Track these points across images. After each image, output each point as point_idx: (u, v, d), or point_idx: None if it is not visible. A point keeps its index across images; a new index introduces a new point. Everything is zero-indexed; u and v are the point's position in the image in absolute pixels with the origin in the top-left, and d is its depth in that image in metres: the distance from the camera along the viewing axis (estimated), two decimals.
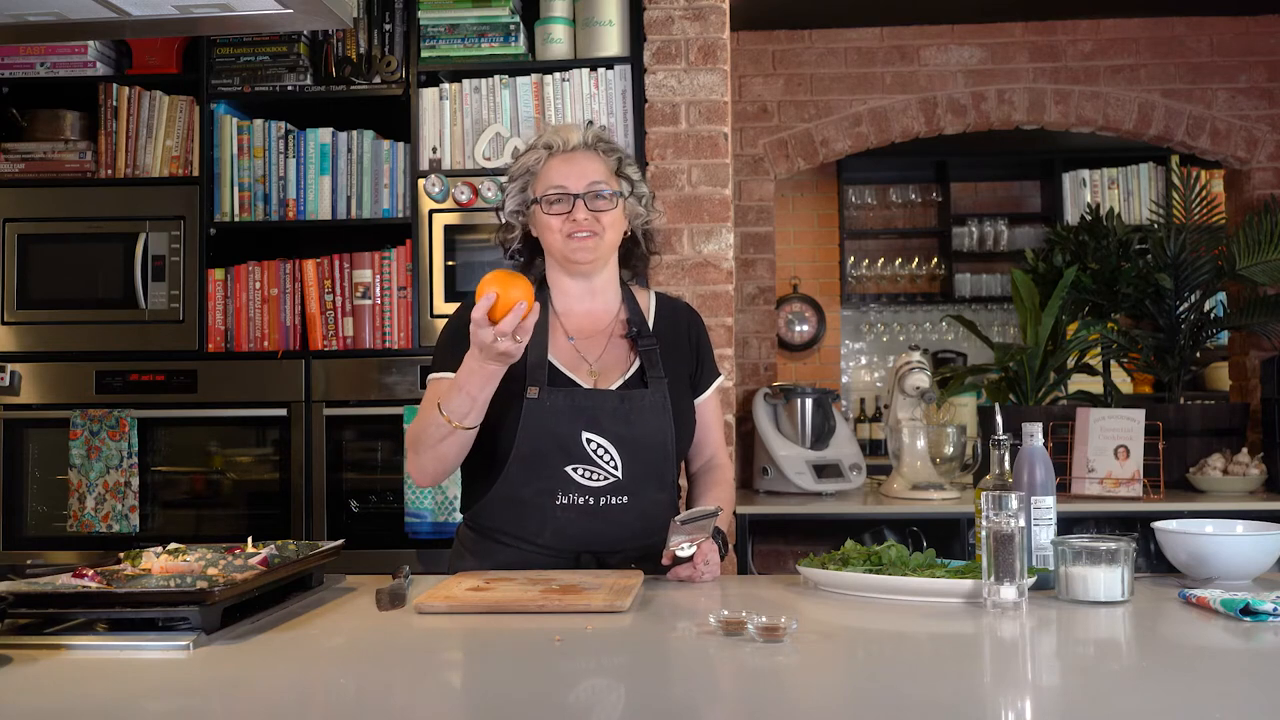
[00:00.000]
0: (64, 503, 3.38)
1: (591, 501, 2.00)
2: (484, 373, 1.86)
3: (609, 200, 2.05)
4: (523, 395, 1.98)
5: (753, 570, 3.65)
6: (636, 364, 2.08)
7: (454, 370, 1.99)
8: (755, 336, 4.45)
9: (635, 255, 2.19)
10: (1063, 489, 3.39)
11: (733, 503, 2.28)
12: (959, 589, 1.70)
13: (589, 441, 1.99)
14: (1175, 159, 5.61)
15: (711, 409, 2.20)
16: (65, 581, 1.59)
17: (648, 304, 2.19)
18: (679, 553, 1.87)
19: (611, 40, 3.37)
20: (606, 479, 2.00)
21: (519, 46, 3.39)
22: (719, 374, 2.23)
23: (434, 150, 3.39)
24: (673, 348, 2.13)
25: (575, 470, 1.99)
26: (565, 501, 2.00)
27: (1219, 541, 1.84)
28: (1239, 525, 1.91)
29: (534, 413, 1.97)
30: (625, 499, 2.01)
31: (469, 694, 1.30)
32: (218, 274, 3.43)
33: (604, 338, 2.11)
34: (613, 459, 2.00)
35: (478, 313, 1.79)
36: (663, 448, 2.03)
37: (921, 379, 3.58)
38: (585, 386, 2.04)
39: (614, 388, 2.05)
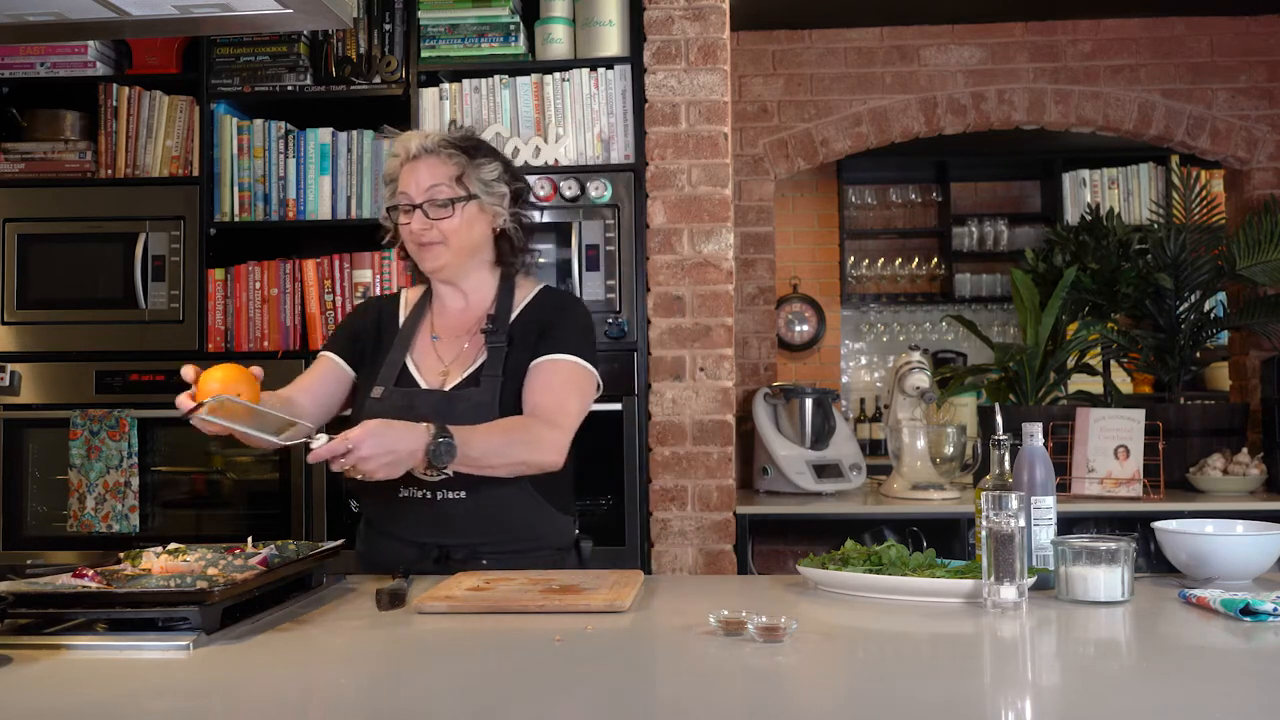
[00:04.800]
0: (64, 503, 3.38)
1: (430, 495, 2.04)
2: None
3: (446, 208, 2.05)
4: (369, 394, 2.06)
5: (753, 570, 3.65)
6: (479, 362, 2.08)
7: (334, 350, 2.17)
8: (755, 336, 4.45)
9: (505, 253, 2.17)
10: (1063, 489, 3.39)
11: (510, 434, 1.98)
12: (959, 589, 1.70)
13: None
14: (1175, 159, 5.60)
15: (541, 374, 2.06)
16: (65, 581, 1.59)
17: (525, 299, 2.17)
18: (314, 444, 1.81)
19: (611, 40, 3.37)
20: (439, 475, 1.99)
21: (519, 46, 3.39)
22: (570, 354, 2.08)
23: None
24: (525, 342, 2.10)
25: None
26: (406, 495, 2.04)
27: (1219, 541, 1.84)
28: (1239, 525, 1.92)
29: (373, 412, 2.00)
30: (463, 494, 2.03)
31: (469, 694, 1.30)
32: (218, 274, 3.42)
33: (465, 336, 2.13)
34: None
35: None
36: None
37: (921, 379, 3.57)
38: (424, 387, 2.06)
39: (449, 388, 2.06)
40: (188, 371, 1.82)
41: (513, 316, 2.13)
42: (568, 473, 2.20)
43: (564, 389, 2.05)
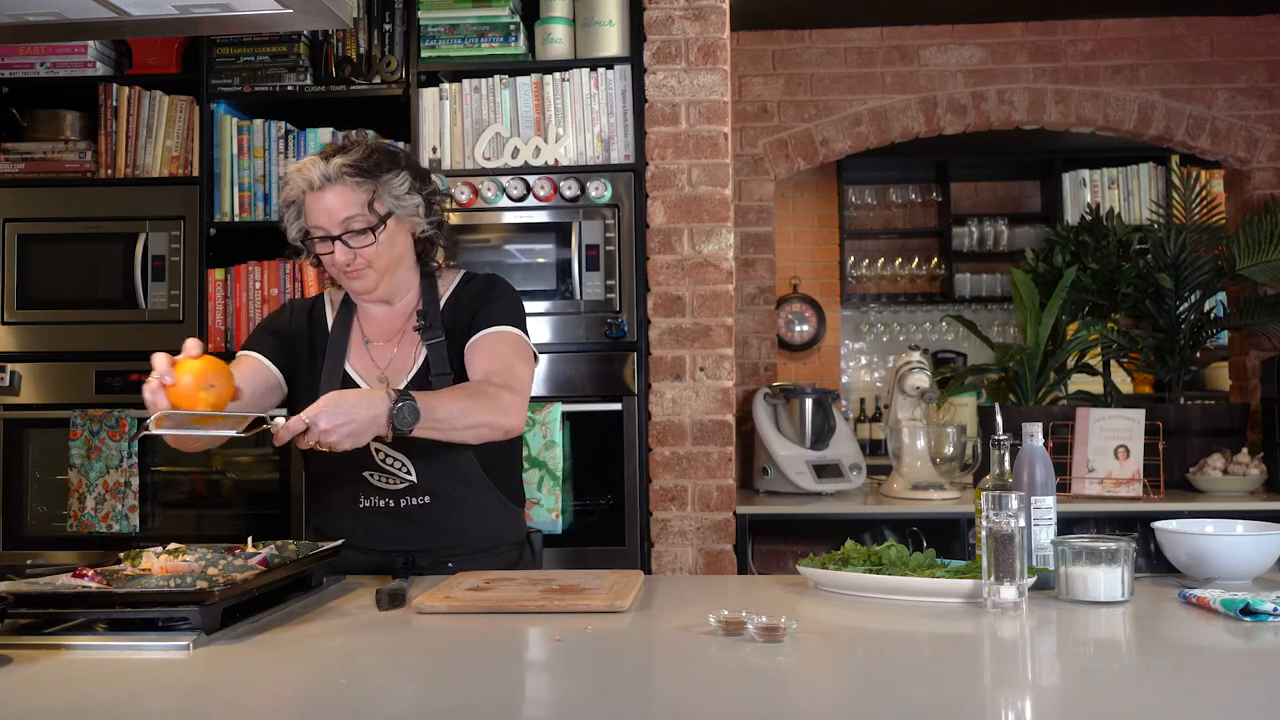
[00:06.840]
0: (64, 503, 3.38)
1: (393, 504, 2.04)
2: None
3: (365, 235, 2.02)
4: None
5: (753, 570, 3.65)
6: (421, 363, 2.06)
7: (258, 351, 2.10)
8: (755, 336, 4.45)
9: (427, 253, 2.16)
10: (1063, 489, 3.39)
11: (474, 397, 1.94)
12: (959, 589, 1.70)
13: (377, 451, 2.02)
14: (1175, 159, 5.60)
15: (484, 345, 2.06)
16: (65, 581, 1.59)
17: (448, 288, 2.16)
18: (272, 428, 1.77)
19: (611, 40, 3.37)
20: (402, 483, 2.01)
21: (519, 46, 3.39)
22: (505, 325, 2.09)
23: (434, 150, 3.39)
24: (458, 332, 2.09)
25: (372, 476, 2.03)
26: (368, 505, 2.04)
27: (1219, 541, 1.84)
28: (1239, 525, 1.92)
29: None
30: (427, 499, 2.03)
31: (469, 694, 1.30)
32: (218, 274, 3.43)
33: (397, 338, 2.11)
34: (404, 465, 2.02)
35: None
36: (452, 447, 1.99)
37: (921, 379, 3.57)
38: None
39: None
40: (159, 360, 1.74)
41: (440, 308, 2.12)
42: (518, 462, 2.22)
43: (510, 356, 2.04)
